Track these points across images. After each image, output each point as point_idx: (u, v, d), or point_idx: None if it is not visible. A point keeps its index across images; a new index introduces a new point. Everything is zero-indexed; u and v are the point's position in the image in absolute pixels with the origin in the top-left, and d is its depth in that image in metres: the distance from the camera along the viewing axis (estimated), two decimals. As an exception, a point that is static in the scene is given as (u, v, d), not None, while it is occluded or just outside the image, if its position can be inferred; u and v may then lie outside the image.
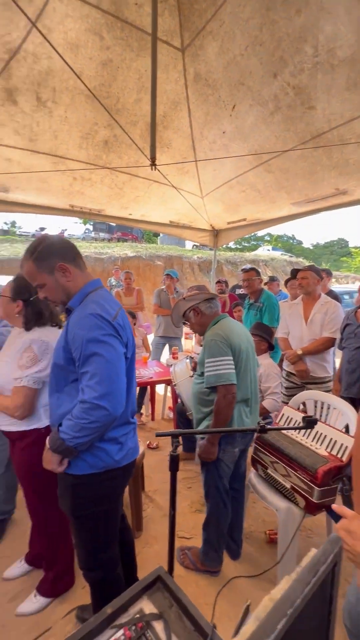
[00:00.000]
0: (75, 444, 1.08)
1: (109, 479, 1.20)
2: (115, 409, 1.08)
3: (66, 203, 3.72)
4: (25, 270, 1.17)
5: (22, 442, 1.44)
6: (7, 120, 2.44)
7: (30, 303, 1.45)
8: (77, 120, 2.56)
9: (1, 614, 1.54)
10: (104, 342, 1.08)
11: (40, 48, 2.03)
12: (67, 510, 1.23)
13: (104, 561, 1.27)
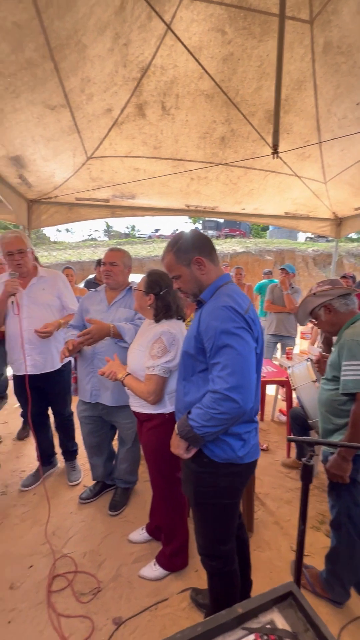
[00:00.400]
0: (203, 432, 1.11)
1: (231, 473, 1.20)
2: (245, 402, 1.06)
3: (182, 203, 3.92)
4: (165, 262, 1.26)
5: (148, 423, 1.59)
6: (137, 133, 2.71)
7: (160, 297, 1.57)
8: (197, 122, 2.65)
9: (128, 572, 1.76)
10: (236, 334, 1.08)
11: (167, 60, 2.17)
12: (189, 496, 1.29)
13: (223, 553, 1.29)
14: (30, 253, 2.18)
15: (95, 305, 2.08)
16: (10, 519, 2.12)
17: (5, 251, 2.09)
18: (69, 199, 3.56)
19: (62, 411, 2.48)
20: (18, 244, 2.09)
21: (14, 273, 2.08)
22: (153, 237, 28.11)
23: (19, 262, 2.11)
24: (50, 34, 1.63)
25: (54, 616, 1.51)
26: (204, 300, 1.23)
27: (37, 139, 2.39)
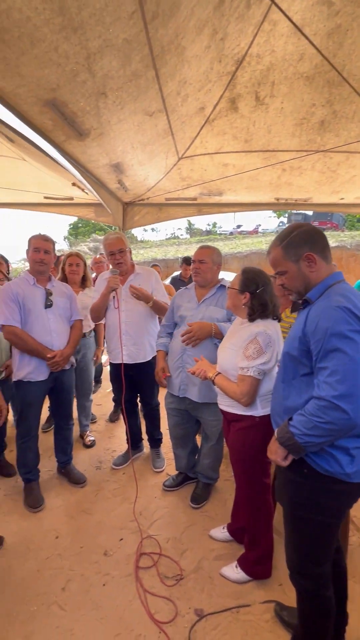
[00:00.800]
0: (304, 441, 1.04)
1: (336, 491, 1.09)
2: (356, 413, 0.95)
3: (272, 197, 3.74)
4: (272, 256, 1.22)
5: (237, 424, 1.57)
6: (228, 128, 2.67)
7: (257, 295, 1.52)
8: (293, 108, 2.47)
9: (209, 567, 1.78)
10: (350, 338, 0.97)
11: (264, 47, 2.07)
12: (285, 505, 1.22)
13: (315, 574, 1.19)
14: (128, 252, 2.38)
15: (186, 302, 2.15)
16: (104, 492, 2.36)
17: (107, 251, 2.33)
18: (159, 200, 3.75)
19: (150, 401, 2.64)
20: (119, 244, 2.30)
21: (115, 270, 2.30)
22: (235, 234, 27.73)
23: (120, 261, 2.32)
24: (154, 43, 1.70)
25: (142, 591, 1.63)
26: (310, 299, 1.14)
27: (135, 145, 2.55)
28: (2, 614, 1.53)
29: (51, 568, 1.76)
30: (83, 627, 1.47)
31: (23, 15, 1.23)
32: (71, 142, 2.21)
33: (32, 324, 2.13)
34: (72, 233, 32.77)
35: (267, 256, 1.25)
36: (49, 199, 3.83)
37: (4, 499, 2.31)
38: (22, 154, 2.49)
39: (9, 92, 1.62)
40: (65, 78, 1.64)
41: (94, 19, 1.39)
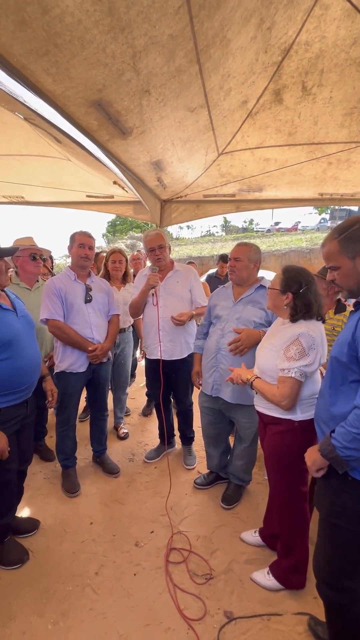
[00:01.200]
0: (345, 455, 0.99)
1: None
2: None
3: (315, 192, 3.57)
4: (326, 249, 1.16)
5: (273, 427, 1.52)
6: (271, 121, 2.58)
7: (300, 295, 1.46)
8: (344, 96, 2.33)
9: (240, 570, 1.75)
10: None
11: (313, 33, 1.96)
12: (322, 511, 1.18)
13: (344, 587, 1.13)
14: (167, 249, 2.41)
15: (223, 301, 2.12)
16: (136, 484, 2.42)
17: (147, 247, 2.38)
18: (196, 197, 3.73)
19: (184, 399, 2.65)
20: (159, 241, 2.35)
21: (155, 267, 2.34)
22: (272, 231, 26.90)
23: (159, 257, 2.36)
24: (199, 37, 1.68)
25: (171, 585, 1.64)
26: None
27: (175, 142, 2.55)
28: (41, 589, 1.63)
29: (86, 552, 1.84)
30: (115, 613, 1.52)
31: (75, 18, 1.27)
32: (114, 141, 2.26)
33: (73, 318, 2.22)
34: (110, 230, 33.80)
35: (320, 249, 1.19)
36: (91, 198, 3.97)
37: (43, 482, 2.45)
38: (67, 154, 2.59)
39: (59, 94, 1.69)
40: (112, 78, 1.67)
41: (141, 16, 1.39)
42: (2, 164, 3.06)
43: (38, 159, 2.88)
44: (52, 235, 77.89)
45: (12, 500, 1.80)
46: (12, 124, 2.32)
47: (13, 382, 1.59)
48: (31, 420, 1.83)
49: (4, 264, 1.58)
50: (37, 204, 4.40)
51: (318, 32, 2.00)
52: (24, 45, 1.35)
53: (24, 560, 1.77)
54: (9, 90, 1.57)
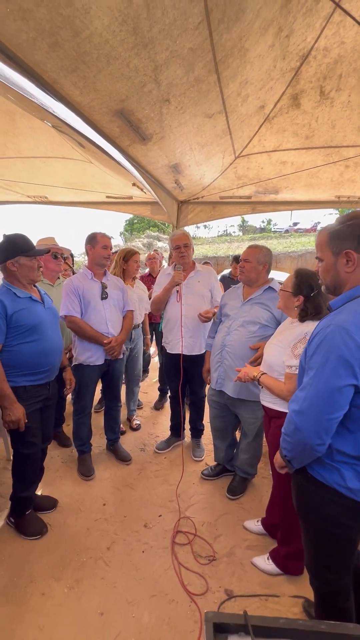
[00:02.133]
0: (284, 454, 1.14)
1: (337, 504, 1.07)
2: (307, 431, 1.03)
3: (332, 195, 3.58)
4: (318, 239, 1.12)
5: (278, 421, 1.61)
6: (288, 125, 2.63)
7: (311, 299, 1.52)
8: (361, 100, 2.36)
9: (241, 554, 1.85)
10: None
11: (332, 39, 2.00)
12: (294, 503, 1.25)
13: (328, 580, 1.18)
14: (192, 248, 2.54)
15: (232, 300, 2.22)
16: (146, 472, 2.55)
17: (173, 245, 2.53)
18: (213, 198, 3.80)
19: (198, 391, 2.77)
20: (184, 239, 2.51)
21: (179, 266, 2.47)
22: (290, 232, 26.47)
23: (184, 254, 2.51)
24: (217, 49, 1.77)
25: (176, 563, 1.76)
26: (330, 307, 1.10)
27: (193, 147, 2.64)
28: (58, 558, 1.78)
29: (99, 529, 1.98)
30: (124, 583, 1.65)
31: (102, 38, 1.39)
32: (135, 146, 2.37)
33: (90, 314, 2.37)
34: (127, 229, 34.20)
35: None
36: (111, 198, 4.12)
37: (61, 465, 2.62)
38: (90, 157, 2.73)
39: (85, 105, 1.82)
40: (134, 89, 1.78)
41: (163, 33, 1.50)
42: (28, 166, 3.24)
43: (62, 161, 3.04)
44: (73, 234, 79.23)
45: (35, 474, 1.97)
46: (39, 129, 2.47)
47: (37, 363, 1.77)
48: (52, 403, 2.00)
49: (37, 262, 1.76)
50: (60, 204, 4.59)
51: (337, 38, 2.04)
52: (56, 63, 1.48)
53: (43, 532, 1.93)
54: (40, 102, 1.71)
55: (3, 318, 1.65)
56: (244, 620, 0.74)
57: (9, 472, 2.17)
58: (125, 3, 1.24)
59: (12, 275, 1.76)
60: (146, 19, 1.35)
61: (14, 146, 2.80)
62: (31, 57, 1.44)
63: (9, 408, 1.67)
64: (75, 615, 1.50)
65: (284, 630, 0.73)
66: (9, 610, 1.51)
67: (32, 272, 1.78)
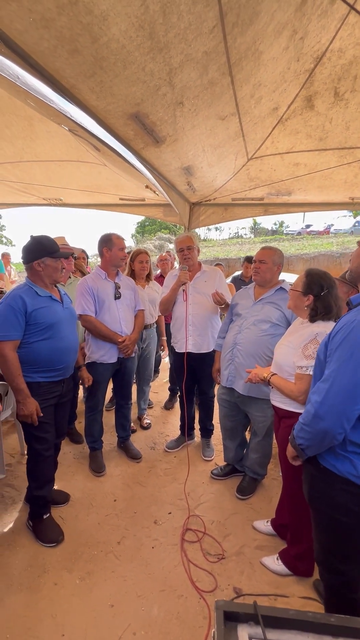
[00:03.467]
0: (298, 443, 1.17)
1: (349, 492, 1.11)
2: (331, 422, 1.06)
3: (346, 196, 3.55)
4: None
5: (287, 420, 1.61)
6: (302, 127, 2.62)
7: (321, 298, 1.53)
8: (376, 101, 2.34)
9: (250, 553, 1.85)
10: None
11: (347, 40, 2.00)
12: (306, 498, 1.27)
13: (339, 570, 1.20)
14: (196, 250, 2.57)
15: (243, 300, 2.24)
16: (156, 470, 2.57)
17: (177, 248, 2.57)
18: (225, 200, 3.82)
19: (207, 391, 2.78)
20: (188, 242, 2.54)
21: (185, 266, 2.51)
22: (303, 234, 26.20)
23: (187, 257, 2.55)
24: (231, 52, 1.79)
25: (185, 560, 1.77)
26: (352, 303, 1.13)
27: (206, 148, 2.67)
28: (70, 550, 1.82)
29: (109, 524, 2.02)
30: (134, 577, 1.68)
31: (119, 44, 1.43)
32: (148, 148, 2.42)
33: (105, 313, 2.42)
34: (139, 231, 34.48)
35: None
36: (124, 200, 4.18)
37: (73, 461, 2.67)
38: (104, 160, 2.79)
39: (102, 109, 1.87)
40: (149, 93, 1.82)
41: (178, 38, 1.53)
42: (44, 169, 3.33)
43: (76, 164, 3.11)
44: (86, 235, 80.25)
45: (50, 472, 1.99)
46: (55, 132, 2.55)
47: (52, 360, 1.82)
48: (67, 400, 2.04)
49: (60, 263, 1.82)
50: (74, 206, 4.68)
51: (352, 39, 2.04)
52: (75, 69, 1.53)
53: (59, 540, 1.89)
54: (59, 107, 1.77)
55: (22, 314, 1.71)
56: (254, 610, 0.75)
57: (23, 466, 2.23)
58: (142, 9, 1.28)
59: (37, 274, 1.82)
60: (162, 24, 1.39)
61: (31, 150, 2.88)
62: (51, 64, 1.49)
63: (23, 402, 1.72)
64: (86, 605, 1.53)
65: (294, 621, 0.74)
66: (24, 597, 1.56)
67: (56, 272, 1.84)
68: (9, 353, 1.68)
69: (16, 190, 3.98)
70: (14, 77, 1.54)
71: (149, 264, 3.16)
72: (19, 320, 1.70)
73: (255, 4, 1.54)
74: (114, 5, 1.22)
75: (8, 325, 1.69)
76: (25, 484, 1.95)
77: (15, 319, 1.69)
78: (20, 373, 1.71)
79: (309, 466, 1.23)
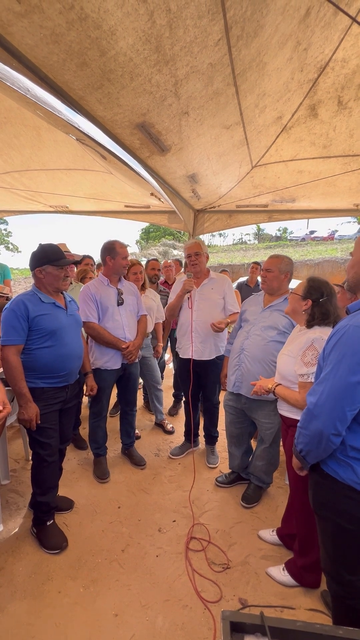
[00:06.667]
0: (299, 449, 1.16)
1: (353, 500, 1.10)
2: (324, 423, 1.07)
3: (350, 203, 3.56)
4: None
5: (294, 429, 1.60)
6: (306, 135, 2.65)
7: (319, 304, 1.54)
8: (380, 109, 2.36)
9: (256, 563, 1.82)
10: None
11: (350, 50, 2.03)
12: (312, 506, 1.26)
13: (346, 581, 1.17)
14: (204, 256, 2.59)
15: (253, 306, 2.25)
16: (160, 477, 2.55)
17: (185, 254, 2.59)
18: (229, 207, 3.85)
19: (211, 397, 2.77)
20: (196, 248, 2.57)
21: (190, 273, 2.53)
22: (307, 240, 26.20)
23: (195, 262, 2.57)
24: (236, 64, 1.83)
25: (190, 569, 1.75)
26: (349, 310, 1.14)
27: (211, 157, 2.71)
28: (73, 558, 1.81)
29: (114, 531, 2.00)
30: (138, 586, 1.66)
31: (127, 57, 1.47)
32: (154, 157, 2.45)
33: (108, 319, 2.43)
34: (143, 237, 34.72)
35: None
36: (129, 207, 4.23)
37: (77, 467, 2.66)
38: (110, 168, 2.83)
39: (109, 119, 1.90)
40: (155, 103, 1.86)
41: (184, 50, 1.57)
42: (51, 178, 3.39)
43: (82, 172, 3.17)
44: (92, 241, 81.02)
45: (54, 477, 1.98)
46: (62, 142, 2.60)
47: (55, 367, 1.82)
48: (72, 405, 2.04)
49: (64, 272, 1.84)
50: (80, 213, 4.75)
51: (355, 49, 2.07)
52: (83, 81, 1.57)
53: (62, 546, 1.87)
54: (67, 118, 1.81)
55: (25, 319, 1.73)
56: (261, 621, 0.74)
57: (27, 472, 2.23)
58: (149, 24, 1.31)
59: (40, 282, 1.85)
60: (168, 38, 1.42)
61: (39, 159, 2.94)
62: (61, 77, 1.53)
63: (24, 407, 1.73)
64: (90, 614, 1.51)
65: (301, 633, 0.73)
66: (27, 605, 1.54)
67: (58, 281, 1.85)
68: (12, 358, 1.70)
69: (23, 198, 4.06)
70: (24, 90, 1.58)
71: (143, 274, 3.16)
72: (21, 325, 1.72)
73: (260, 17, 1.57)
74: (122, 21, 1.26)
75: (11, 330, 1.71)
76: (30, 490, 1.94)
77: (18, 324, 1.71)
78: (23, 378, 1.72)
79: (313, 473, 1.23)
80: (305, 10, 1.75)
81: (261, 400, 2.09)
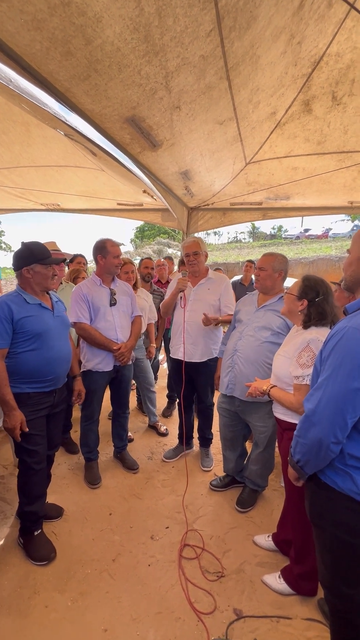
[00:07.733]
0: (296, 459, 1.12)
1: (352, 510, 1.06)
2: (323, 431, 1.02)
3: (345, 200, 3.53)
4: (358, 231, 1.17)
5: (290, 432, 1.55)
6: (300, 131, 2.61)
7: (316, 304, 1.50)
8: (375, 105, 2.32)
9: (251, 571, 1.78)
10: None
11: (344, 44, 1.99)
12: (309, 516, 1.22)
13: (344, 595, 1.13)
14: (203, 255, 2.53)
15: (247, 306, 2.20)
16: (153, 481, 2.50)
17: (184, 253, 2.54)
18: (223, 205, 3.80)
19: (204, 399, 2.72)
20: (194, 247, 2.51)
21: (185, 272, 2.48)
22: (301, 238, 26.31)
23: (193, 262, 2.52)
24: (229, 57, 1.77)
25: (183, 579, 1.70)
26: (347, 310, 1.09)
27: (204, 153, 2.65)
28: (62, 569, 1.74)
29: (104, 540, 1.94)
30: (129, 598, 1.60)
31: (114, 46, 1.40)
32: (145, 153, 2.39)
33: (100, 320, 2.36)
34: (138, 236, 34.56)
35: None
36: (121, 205, 4.16)
37: (67, 472, 2.60)
38: (101, 165, 2.76)
39: (97, 113, 1.83)
40: (145, 96, 1.79)
41: (174, 41, 1.50)
42: (41, 175, 3.30)
43: (73, 169, 3.09)
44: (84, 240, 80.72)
45: (42, 486, 1.90)
46: (51, 138, 2.51)
47: (41, 371, 1.75)
48: (60, 410, 1.97)
49: (52, 270, 1.77)
50: (72, 211, 4.67)
51: (349, 43, 2.02)
52: (68, 72, 1.50)
53: (50, 557, 1.80)
54: (53, 111, 1.73)
55: (9, 321, 1.65)
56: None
57: (15, 479, 2.15)
58: (136, 12, 1.25)
59: (26, 282, 1.77)
60: (157, 27, 1.35)
61: (28, 155, 2.85)
62: (45, 67, 1.46)
63: (7, 415, 1.66)
64: (78, 630, 1.45)
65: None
66: (11, 622, 1.48)
67: (46, 280, 1.78)
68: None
69: (14, 196, 3.96)
70: (6, 81, 1.50)
71: (134, 274, 3.10)
72: (5, 328, 1.64)
73: (253, 7, 1.51)
74: (107, 7, 1.19)
75: None
76: (18, 497, 1.88)
77: (1, 327, 1.64)
78: (7, 384, 1.65)
79: (310, 482, 1.18)
80: (299, 1, 1.69)
81: (255, 403, 2.04)
